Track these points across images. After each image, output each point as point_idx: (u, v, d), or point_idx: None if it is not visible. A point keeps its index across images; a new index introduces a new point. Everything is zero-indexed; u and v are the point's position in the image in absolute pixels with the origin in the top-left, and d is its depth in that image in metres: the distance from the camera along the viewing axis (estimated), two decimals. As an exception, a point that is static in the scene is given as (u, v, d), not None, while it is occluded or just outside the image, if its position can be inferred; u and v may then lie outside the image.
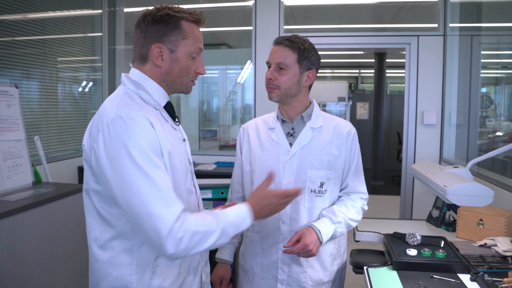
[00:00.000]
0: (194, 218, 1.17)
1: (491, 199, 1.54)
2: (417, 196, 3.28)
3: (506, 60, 4.76)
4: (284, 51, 1.70)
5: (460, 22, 3.20)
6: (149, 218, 1.12)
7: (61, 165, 3.15)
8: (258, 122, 1.89)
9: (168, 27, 1.27)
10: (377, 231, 2.17)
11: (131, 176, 1.13)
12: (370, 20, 5.52)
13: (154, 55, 1.28)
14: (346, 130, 1.79)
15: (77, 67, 3.50)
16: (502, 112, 6.71)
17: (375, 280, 1.59)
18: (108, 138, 1.16)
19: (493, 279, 1.52)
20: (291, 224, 1.74)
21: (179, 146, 1.35)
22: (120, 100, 1.25)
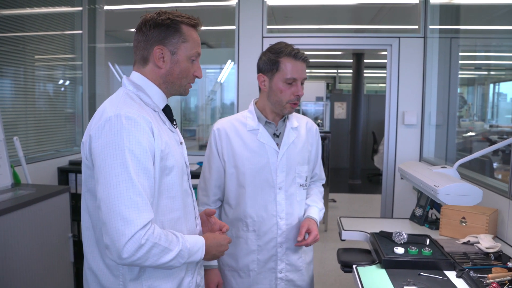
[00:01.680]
0: (159, 231, 1.21)
1: (480, 198, 1.59)
2: (398, 195, 3.34)
3: (479, 61, 4.91)
4: (305, 67, 1.82)
5: (440, 24, 3.27)
6: (116, 218, 1.14)
7: (40, 166, 3.08)
8: (234, 122, 1.90)
9: (169, 30, 1.32)
10: (363, 230, 2.20)
11: (113, 175, 1.16)
12: (350, 21, 5.59)
13: (156, 57, 1.33)
14: (314, 128, 2.02)
15: (56, 66, 3.41)
16: (475, 112, 6.91)
17: (365, 279, 1.61)
18: (104, 135, 1.20)
19: (478, 275, 1.56)
20: (287, 219, 1.88)
21: (176, 148, 1.37)
22: (121, 99, 1.29)
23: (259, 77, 1.85)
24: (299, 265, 1.92)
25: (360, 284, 1.57)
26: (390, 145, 3.33)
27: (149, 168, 1.22)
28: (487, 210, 2.04)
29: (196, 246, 1.31)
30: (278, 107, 1.82)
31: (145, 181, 1.20)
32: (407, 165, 2.13)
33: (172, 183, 1.32)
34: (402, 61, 3.26)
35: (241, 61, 3.44)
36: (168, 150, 1.30)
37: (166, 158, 1.29)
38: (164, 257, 1.20)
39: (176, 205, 1.35)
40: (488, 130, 6.15)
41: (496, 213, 2.06)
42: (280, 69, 1.77)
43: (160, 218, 1.30)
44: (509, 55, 5.37)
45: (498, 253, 1.77)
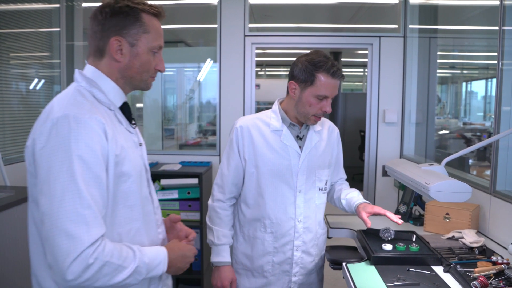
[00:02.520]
0: (111, 247, 1.08)
1: (470, 195, 1.63)
2: (379, 192, 3.39)
3: (452, 60, 5.04)
4: (339, 84, 1.79)
5: (419, 24, 3.34)
6: (60, 235, 1.01)
7: (18, 167, 2.99)
8: (257, 121, 1.88)
9: (128, 19, 1.19)
10: (349, 228, 2.22)
11: (59, 185, 1.03)
12: (329, 20, 5.63)
13: (113, 49, 1.19)
14: (336, 132, 2.01)
15: (32, 64, 3.32)
16: (449, 110, 7.07)
17: (355, 276, 1.63)
18: (49, 139, 1.06)
19: (465, 270, 1.60)
20: (304, 222, 1.89)
21: (134, 151, 1.25)
22: (70, 97, 1.14)
23: (290, 84, 1.80)
24: (312, 268, 1.96)
25: (351, 281, 1.59)
26: (371, 143, 3.38)
27: (101, 176, 1.09)
28: (470, 206, 2.09)
29: (157, 260, 1.18)
30: (302, 117, 1.82)
31: (96, 191, 1.07)
32: (394, 163, 2.16)
33: (129, 191, 1.20)
34: (382, 60, 3.31)
35: (223, 60, 3.42)
36: (124, 154, 1.17)
37: (122, 163, 1.16)
38: (117, 276, 1.08)
39: (135, 214, 1.22)
40: (463, 128, 6.32)
41: (478, 209, 2.12)
42: (314, 84, 1.73)
43: (117, 230, 1.17)
44: (481, 54, 5.53)
45: (482, 247, 1.82)
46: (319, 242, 1.99)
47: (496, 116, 2.06)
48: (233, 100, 3.44)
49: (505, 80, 2.05)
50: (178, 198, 3.12)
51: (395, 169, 2.01)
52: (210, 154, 3.50)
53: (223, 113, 3.44)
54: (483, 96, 8.56)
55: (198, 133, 5.63)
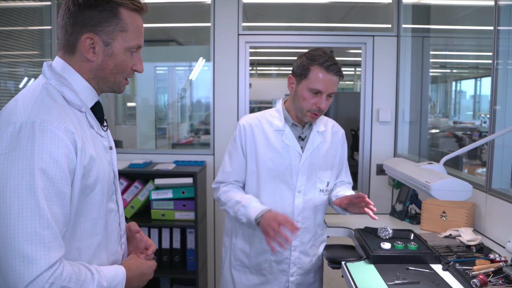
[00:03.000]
0: (69, 270, 0.98)
1: (470, 193, 1.64)
2: (373, 191, 3.40)
3: (443, 60, 5.08)
4: (337, 81, 1.77)
5: (412, 23, 3.35)
6: (14, 256, 0.91)
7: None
8: (260, 120, 1.89)
9: (104, 14, 1.07)
10: (346, 226, 2.22)
11: (16, 200, 0.93)
12: (320, 19, 5.63)
13: (85, 47, 1.08)
14: (341, 133, 2.00)
15: (23, 62, 3.27)
16: (440, 109, 7.14)
17: (355, 275, 1.63)
18: (10, 145, 0.95)
19: (463, 268, 1.61)
20: (303, 222, 1.89)
21: (103, 157, 1.15)
22: (37, 98, 1.03)
23: (289, 78, 1.83)
24: (310, 269, 1.96)
25: (351, 279, 1.59)
26: (365, 142, 3.39)
27: (65, 192, 0.99)
28: (466, 204, 2.11)
29: (115, 281, 1.10)
30: (299, 113, 1.82)
31: (57, 209, 0.97)
32: (392, 161, 2.17)
33: (93, 203, 1.10)
34: (376, 59, 3.32)
35: (216, 59, 3.40)
36: (91, 164, 1.07)
37: (89, 175, 1.07)
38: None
39: (98, 228, 1.13)
40: (453, 127, 6.39)
41: (474, 207, 2.13)
42: (308, 77, 1.74)
43: (76, 244, 1.08)
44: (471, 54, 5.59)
45: (479, 245, 1.84)
46: (318, 243, 1.99)
47: (491, 115, 2.08)
48: (227, 99, 3.42)
49: (500, 79, 2.06)
50: (172, 197, 3.10)
51: (394, 168, 2.02)
52: (204, 153, 3.48)
53: (217, 112, 3.42)
54: (472, 95, 8.67)
55: (189, 132, 5.61)
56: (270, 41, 3.45)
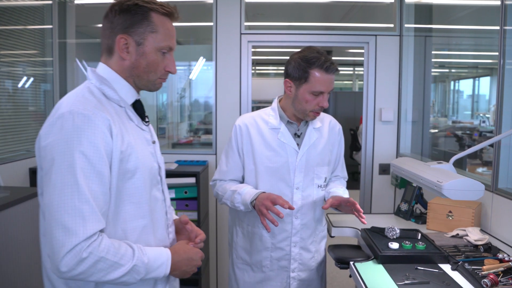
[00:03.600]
0: (107, 243, 1.08)
1: (482, 193, 1.63)
2: (376, 191, 3.40)
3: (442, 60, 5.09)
4: (334, 78, 1.79)
5: (415, 23, 3.35)
6: (57, 227, 1.03)
7: (10, 167, 2.92)
8: (256, 119, 1.91)
9: (136, 17, 1.19)
10: (352, 226, 2.22)
11: (59, 179, 1.05)
12: (320, 19, 5.63)
13: (119, 47, 1.20)
14: (337, 128, 2.00)
15: (24, 62, 3.25)
16: (438, 109, 7.16)
17: (364, 275, 1.62)
18: (54, 132, 1.09)
19: (472, 268, 1.61)
20: (302, 218, 1.90)
21: (144, 148, 1.25)
22: (78, 94, 1.17)
23: (285, 82, 1.82)
24: (312, 264, 1.96)
25: (361, 279, 1.58)
26: (368, 142, 3.39)
27: (103, 172, 1.10)
28: (472, 204, 2.11)
29: (158, 261, 1.17)
30: (301, 114, 1.83)
31: (96, 187, 1.08)
32: (400, 161, 2.17)
33: (135, 188, 1.19)
34: (378, 58, 3.32)
35: (219, 58, 3.39)
36: (130, 150, 1.17)
37: (128, 160, 1.16)
38: (112, 272, 1.08)
39: (142, 212, 1.21)
40: (452, 126, 6.40)
41: (480, 207, 2.13)
42: (308, 81, 1.75)
43: (121, 226, 1.18)
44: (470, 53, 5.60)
45: (487, 245, 1.83)
46: (319, 239, 2.00)
47: (498, 115, 2.07)
48: (229, 98, 3.41)
49: (507, 79, 2.06)
50: (175, 197, 3.09)
51: (402, 167, 2.01)
52: (206, 153, 3.47)
53: (219, 111, 3.41)
54: (469, 95, 8.69)
55: (189, 132, 5.60)
56: (273, 41, 3.44)
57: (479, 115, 7.57)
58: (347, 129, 8.91)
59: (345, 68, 11.89)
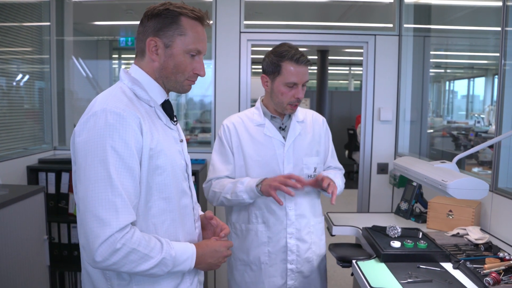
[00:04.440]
0: (139, 235, 1.14)
1: (486, 192, 1.65)
2: (374, 190, 3.41)
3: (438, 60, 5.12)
4: (307, 71, 1.87)
5: (414, 23, 3.37)
6: (92, 219, 1.09)
7: (8, 165, 2.90)
8: (243, 118, 2.00)
9: (166, 21, 1.25)
10: (352, 225, 2.23)
11: (93, 173, 1.11)
12: (318, 18, 5.63)
13: (149, 49, 1.26)
14: (321, 119, 2.08)
15: (21, 59, 3.22)
16: (434, 109, 7.20)
17: (367, 273, 1.63)
18: (87, 130, 1.14)
19: (474, 266, 1.62)
20: (296, 209, 1.94)
21: (173, 146, 1.31)
22: (112, 93, 1.23)
23: (262, 77, 1.93)
24: (310, 256, 1.98)
25: (364, 278, 1.59)
26: (367, 141, 3.40)
27: (133, 167, 1.15)
28: (472, 203, 2.12)
29: (184, 255, 1.22)
30: (279, 108, 1.92)
31: (128, 182, 1.14)
32: (403, 160, 2.18)
33: (165, 184, 1.25)
34: (378, 58, 3.33)
35: (218, 57, 3.39)
36: (159, 148, 1.23)
37: (157, 157, 1.22)
38: (143, 264, 1.13)
39: (171, 206, 1.27)
40: (448, 126, 6.44)
41: (480, 206, 2.15)
42: (281, 73, 1.85)
43: (152, 220, 1.23)
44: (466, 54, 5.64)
45: (488, 244, 1.85)
46: (315, 229, 2.01)
47: (498, 115, 2.09)
48: (228, 97, 3.41)
49: (508, 80, 2.07)
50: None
51: (406, 166, 2.03)
52: (204, 151, 3.47)
53: (218, 110, 3.41)
54: (464, 95, 8.75)
55: (185, 131, 5.58)
56: (272, 39, 3.44)
57: (474, 115, 7.62)
58: (343, 128, 8.95)
59: (341, 67, 11.92)
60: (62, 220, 3.09)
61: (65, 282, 3.19)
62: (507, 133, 1.82)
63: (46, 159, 3.22)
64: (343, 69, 11.90)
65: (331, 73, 12.99)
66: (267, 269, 1.94)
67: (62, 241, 3.12)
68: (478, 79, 8.38)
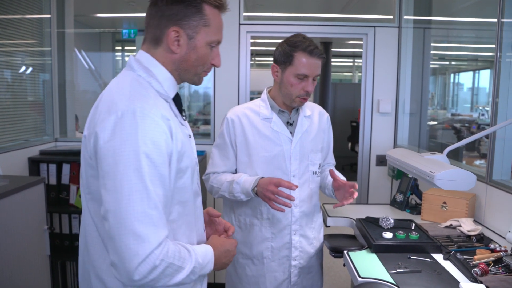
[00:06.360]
0: (172, 248, 1.06)
1: (474, 183, 1.65)
2: (373, 182, 3.42)
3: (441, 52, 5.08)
4: (320, 64, 1.80)
5: (414, 15, 3.35)
6: (128, 235, 0.99)
7: (9, 156, 2.94)
8: (246, 111, 1.92)
9: (190, 9, 1.12)
10: (347, 216, 2.24)
11: (126, 183, 1.00)
12: (319, 10, 5.61)
13: (170, 40, 1.13)
14: (326, 116, 2.04)
15: (23, 52, 3.25)
16: (438, 101, 7.15)
17: (357, 263, 1.65)
18: (115, 132, 1.02)
19: (464, 257, 1.63)
20: (301, 206, 1.91)
21: (188, 144, 1.20)
22: (133, 89, 1.09)
23: (273, 67, 1.85)
24: (311, 251, 1.98)
25: (354, 268, 1.60)
26: (366, 133, 3.40)
27: (165, 174, 1.06)
28: (467, 195, 2.13)
29: (206, 259, 1.16)
30: (287, 100, 1.85)
31: (160, 190, 1.04)
32: (395, 152, 2.18)
33: (184, 186, 1.17)
34: (377, 50, 3.32)
35: (218, 49, 3.38)
36: (183, 149, 1.14)
37: (181, 159, 1.13)
38: (176, 276, 1.06)
39: (188, 209, 1.20)
40: (451, 119, 6.41)
41: (474, 198, 2.15)
42: (293, 64, 1.78)
43: (171, 225, 1.14)
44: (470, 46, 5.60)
45: (480, 235, 1.86)
46: (316, 225, 2.02)
47: (493, 107, 2.09)
48: (228, 89, 3.42)
49: (503, 71, 2.07)
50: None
51: (397, 158, 2.03)
52: (204, 143, 3.49)
53: (217, 102, 3.42)
54: (469, 88, 8.69)
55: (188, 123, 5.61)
56: (272, 31, 3.44)
57: (479, 108, 7.57)
58: (347, 120, 8.92)
59: (345, 59, 11.87)
60: (63, 211, 3.13)
61: (66, 272, 3.24)
62: (500, 124, 1.81)
63: (48, 150, 3.26)
64: (347, 61, 11.84)
65: (335, 65, 12.96)
66: (269, 264, 1.92)
67: (64, 231, 3.17)
68: (484, 71, 8.31)
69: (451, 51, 5.36)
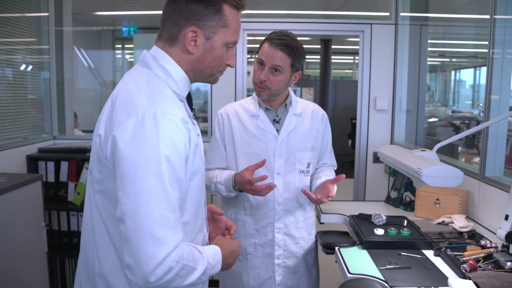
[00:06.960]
0: (186, 249, 1.07)
1: (461, 180, 1.66)
2: (370, 179, 3.43)
3: (442, 49, 5.07)
4: (281, 55, 1.78)
5: (411, 11, 3.35)
6: (146, 237, 0.99)
7: (8, 154, 2.96)
8: (237, 108, 1.95)
9: (209, 10, 1.11)
10: (340, 213, 2.25)
11: (145, 185, 0.99)
12: (318, 7, 5.61)
13: (188, 40, 1.12)
14: (321, 114, 2.01)
15: (20, 50, 3.27)
16: (438, 98, 7.14)
17: (348, 260, 1.66)
18: (136, 135, 1.01)
19: (454, 253, 1.64)
20: (284, 204, 1.91)
21: (199, 145, 1.19)
22: (150, 89, 1.08)
23: None
24: (297, 251, 1.97)
25: (344, 264, 1.62)
26: (362, 130, 3.41)
27: (182, 178, 1.06)
28: (459, 192, 2.14)
29: (216, 259, 1.17)
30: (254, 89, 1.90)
31: (177, 193, 1.04)
32: (386, 149, 2.19)
33: (197, 188, 1.17)
34: (374, 47, 3.32)
35: (215, 46, 3.39)
36: (197, 151, 1.13)
37: (194, 161, 1.12)
38: (189, 277, 1.07)
39: (199, 212, 1.21)
40: (451, 116, 6.40)
41: (467, 195, 2.16)
42: (259, 51, 1.85)
43: (185, 227, 1.15)
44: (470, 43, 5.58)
45: (471, 232, 1.87)
46: (304, 225, 2.00)
47: (486, 104, 2.09)
48: (225, 86, 3.43)
49: (495, 68, 2.07)
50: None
51: (388, 155, 2.04)
52: (203, 141, 3.50)
53: (214, 100, 3.44)
54: (471, 85, 8.66)
55: (195, 121, 5.63)
56: (269, 29, 3.41)
57: (479, 104, 7.55)
58: (347, 118, 8.91)
59: (345, 57, 11.85)
60: (61, 208, 3.15)
61: (65, 269, 3.27)
62: (491, 121, 1.82)
63: (46, 148, 3.27)
64: (347, 58, 11.82)
65: (336, 63, 12.94)
66: (253, 260, 1.93)
67: (62, 228, 3.19)
68: (484, 68, 8.28)
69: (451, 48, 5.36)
